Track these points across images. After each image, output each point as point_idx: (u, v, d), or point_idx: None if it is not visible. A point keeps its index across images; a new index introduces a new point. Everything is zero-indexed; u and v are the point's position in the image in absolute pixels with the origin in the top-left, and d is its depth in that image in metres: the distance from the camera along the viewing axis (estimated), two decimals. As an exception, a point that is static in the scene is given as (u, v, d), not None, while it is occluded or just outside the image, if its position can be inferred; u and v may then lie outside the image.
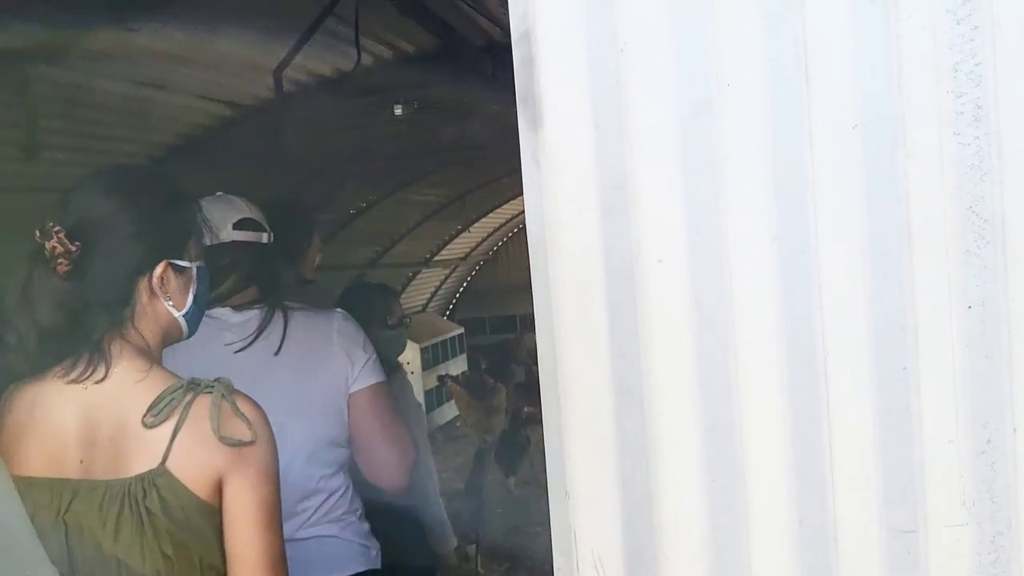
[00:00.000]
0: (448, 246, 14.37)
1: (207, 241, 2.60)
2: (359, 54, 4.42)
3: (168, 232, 1.89)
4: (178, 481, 1.71)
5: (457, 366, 13.84)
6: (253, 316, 2.58)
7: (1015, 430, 1.56)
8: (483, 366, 11.88)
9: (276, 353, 2.54)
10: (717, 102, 1.58)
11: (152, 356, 1.84)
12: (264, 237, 2.68)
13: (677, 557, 1.65)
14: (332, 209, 9.15)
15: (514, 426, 10.27)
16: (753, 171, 1.58)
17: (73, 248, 1.74)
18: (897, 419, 1.59)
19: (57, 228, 1.74)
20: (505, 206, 14.71)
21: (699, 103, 1.59)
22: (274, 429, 2.50)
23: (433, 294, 15.54)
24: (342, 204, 9.43)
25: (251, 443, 1.76)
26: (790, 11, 1.56)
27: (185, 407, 1.73)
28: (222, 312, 2.58)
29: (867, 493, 1.61)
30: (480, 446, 9.97)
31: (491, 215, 14.75)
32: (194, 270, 1.91)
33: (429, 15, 4.69)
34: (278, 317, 2.56)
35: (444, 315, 16.17)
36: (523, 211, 1.65)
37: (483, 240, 16.02)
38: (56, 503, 1.73)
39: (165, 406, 1.73)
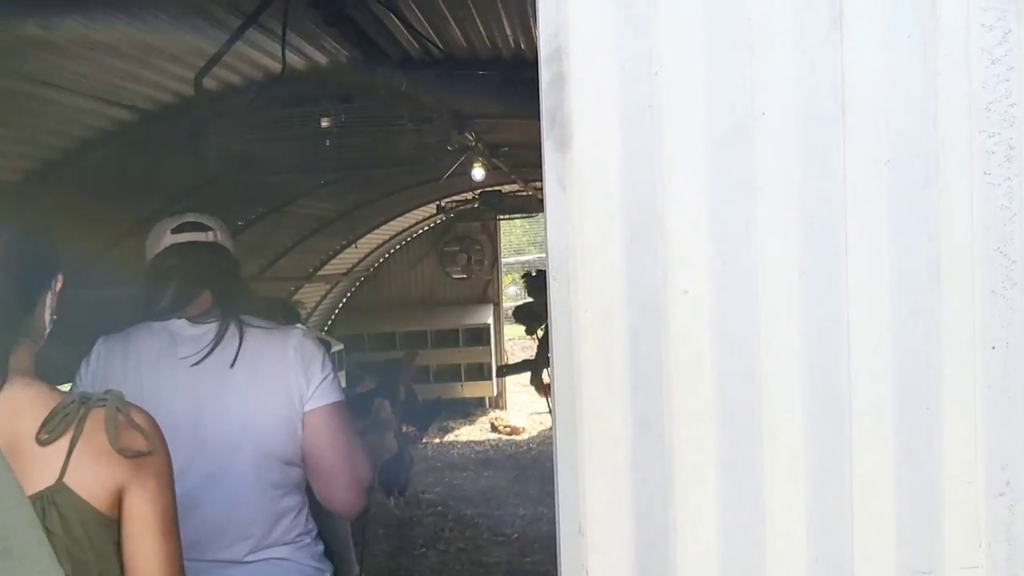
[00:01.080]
0: (332, 261, 14.15)
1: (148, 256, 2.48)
2: (284, 64, 4.30)
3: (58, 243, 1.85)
4: (78, 496, 1.64)
5: (337, 383, 13.64)
6: (209, 329, 2.46)
7: (1035, 472, 1.57)
8: (372, 385, 11.68)
9: (231, 367, 2.43)
10: (751, 131, 1.55)
11: (34, 370, 1.77)
12: (210, 236, 2.55)
13: (692, 596, 1.61)
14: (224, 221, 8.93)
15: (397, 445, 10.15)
16: (784, 202, 1.56)
17: None
18: (918, 458, 1.58)
19: None
20: (391, 222, 14.58)
21: (732, 131, 1.55)
22: (226, 445, 2.39)
23: (313, 309, 15.29)
24: (231, 216, 9.22)
25: (148, 453, 1.70)
26: (829, 43, 1.54)
27: (80, 421, 1.66)
28: (178, 325, 2.46)
29: (885, 532, 1.59)
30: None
31: (377, 231, 14.61)
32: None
33: (353, 27, 4.59)
34: (233, 331, 2.45)
35: (323, 331, 15.92)
36: (408, 228, 1.59)
37: (366, 256, 15.85)
38: None
39: (59, 422, 1.65)
